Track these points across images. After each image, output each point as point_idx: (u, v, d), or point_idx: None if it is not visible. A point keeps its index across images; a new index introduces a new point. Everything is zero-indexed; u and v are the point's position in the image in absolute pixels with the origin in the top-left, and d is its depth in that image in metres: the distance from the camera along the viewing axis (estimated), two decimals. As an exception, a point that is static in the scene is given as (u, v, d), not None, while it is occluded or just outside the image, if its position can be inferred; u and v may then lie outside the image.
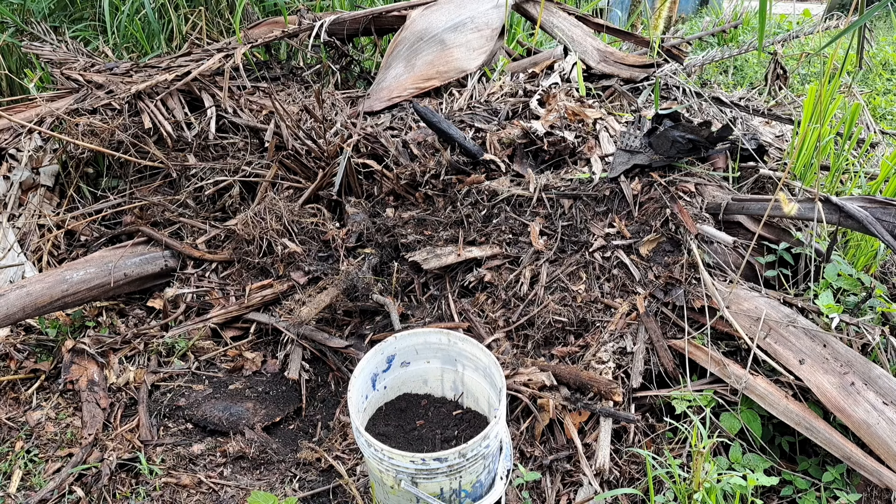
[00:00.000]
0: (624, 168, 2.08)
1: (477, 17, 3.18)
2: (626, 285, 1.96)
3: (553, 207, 2.17)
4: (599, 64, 2.97)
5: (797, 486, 1.58)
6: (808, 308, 1.77)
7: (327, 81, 3.45)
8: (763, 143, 2.23)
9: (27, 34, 3.62)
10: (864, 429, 1.48)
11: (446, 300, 2.14)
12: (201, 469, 1.81)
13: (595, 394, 1.74)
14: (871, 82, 4.47)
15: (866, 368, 1.55)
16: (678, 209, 1.95)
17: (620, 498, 1.58)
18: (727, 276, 1.89)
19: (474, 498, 1.50)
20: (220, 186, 2.70)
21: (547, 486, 1.63)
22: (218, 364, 2.18)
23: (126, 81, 2.94)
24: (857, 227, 1.70)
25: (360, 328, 2.21)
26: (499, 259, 2.14)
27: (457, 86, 3.00)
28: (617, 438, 1.71)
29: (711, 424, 1.65)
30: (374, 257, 2.30)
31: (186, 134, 2.81)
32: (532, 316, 1.97)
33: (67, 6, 4.12)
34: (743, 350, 1.78)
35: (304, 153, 2.57)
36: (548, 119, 2.48)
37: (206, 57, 3.13)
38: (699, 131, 2.00)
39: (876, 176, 2.27)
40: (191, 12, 3.86)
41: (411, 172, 2.36)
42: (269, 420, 1.97)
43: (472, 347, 1.62)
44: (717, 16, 6.33)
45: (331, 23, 3.34)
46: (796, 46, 4.79)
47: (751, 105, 2.71)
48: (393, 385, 1.76)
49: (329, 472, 1.79)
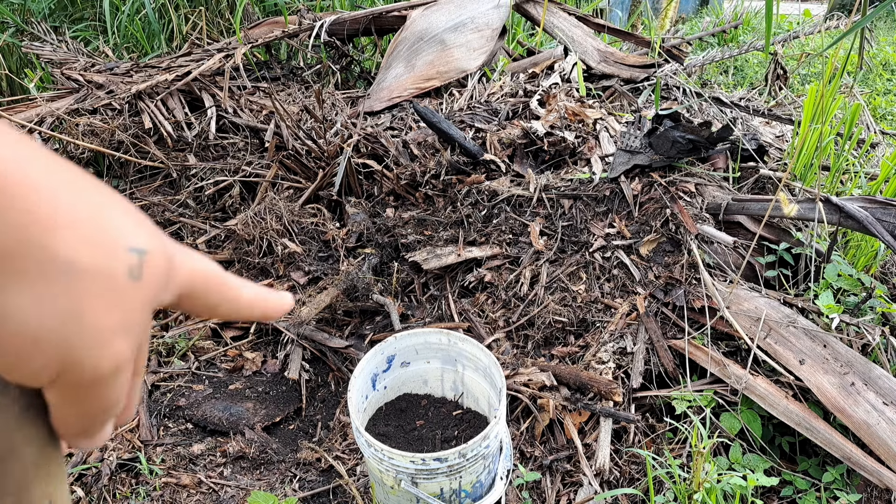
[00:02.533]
0: (624, 168, 2.08)
1: (477, 18, 3.18)
2: (626, 285, 1.96)
3: (553, 207, 2.17)
4: (600, 64, 2.97)
5: (797, 486, 1.58)
6: (809, 308, 1.77)
7: (327, 81, 3.46)
8: (763, 144, 2.23)
9: (27, 34, 3.62)
10: (864, 429, 1.48)
11: (446, 300, 2.14)
12: (201, 469, 1.81)
13: (595, 394, 1.74)
14: (871, 82, 4.47)
15: (866, 369, 1.55)
16: (678, 209, 1.95)
17: (620, 498, 1.58)
18: (727, 277, 1.89)
19: (474, 498, 1.50)
20: (220, 186, 2.70)
21: (547, 486, 1.63)
22: (218, 364, 2.18)
23: (126, 81, 2.94)
24: (857, 228, 1.70)
25: (360, 328, 2.21)
26: (499, 259, 2.14)
27: (457, 86, 3.00)
28: (617, 438, 1.71)
29: (711, 424, 1.65)
30: (374, 257, 2.30)
31: (187, 134, 2.81)
32: (532, 316, 1.97)
33: (68, 6, 4.12)
34: (743, 350, 1.78)
35: (304, 153, 2.57)
36: (548, 119, 2.48)
37: (206, 57, 3.13)
38: (699, 131, 2.00)
39: (876, 176, 2.27)
40: (191, 12, 3.86)
41: (411, 172, 2.36)
42: (269, 420, 1.97)
43: (473, 347, 1.62)
44: (717, 16, 6.33)
45: (331, 23, 3.34)
46: (796, 46, 4.79)
47: (751, 105, 2.71)
48: (393, 385, 1.76)
49: (329, 472, 1.79)
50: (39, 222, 0.26)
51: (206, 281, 0.35)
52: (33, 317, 0.26)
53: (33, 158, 0.27)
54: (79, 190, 0.28)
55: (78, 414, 0.31)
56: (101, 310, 0.28)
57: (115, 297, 0.29)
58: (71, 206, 0.27)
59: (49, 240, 0.26)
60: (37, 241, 0.26)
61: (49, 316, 0.26)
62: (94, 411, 0.31)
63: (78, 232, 0.27)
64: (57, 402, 0.30)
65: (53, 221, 0.26)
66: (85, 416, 0.31)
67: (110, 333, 0.29)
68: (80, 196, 0.28)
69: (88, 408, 0.31)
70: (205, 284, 0.35)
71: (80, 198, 0.28)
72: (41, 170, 0.27)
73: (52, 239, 0.26)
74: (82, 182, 0.29)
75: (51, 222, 0.26)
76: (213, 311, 0.36)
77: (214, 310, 0.36)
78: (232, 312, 0.37)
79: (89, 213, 0.28)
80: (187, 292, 0.34)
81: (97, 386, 0.30)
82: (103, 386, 0.30)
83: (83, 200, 0.28)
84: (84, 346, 0.28)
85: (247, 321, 0.46)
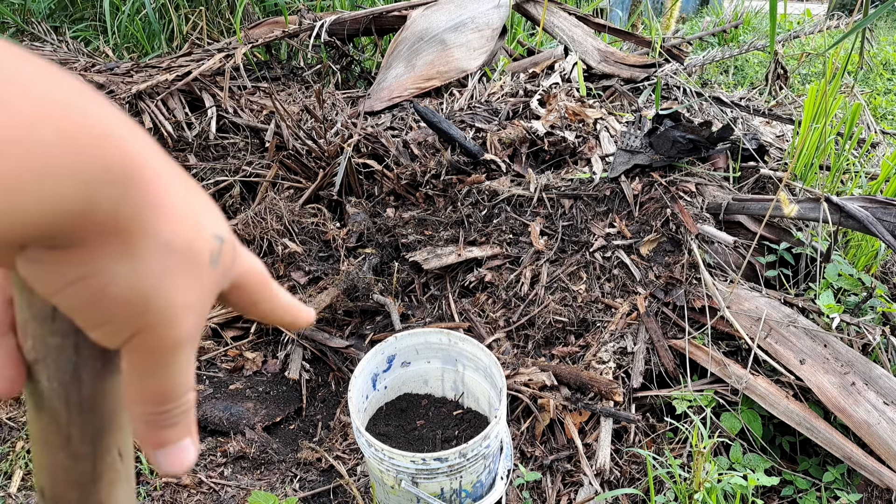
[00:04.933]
0: (624, 168, 2.08)
1: (477, 17, 3.18)
2: (626, 285, 1.96)
3: (553, 207, 2.17)
4: (600, 64, 2.97)
5: (798, 486, 1.58)
6: (809, 308, 1.77)
7: (328, 81, 3.46)
8: (763, 143, 2.23)
9: (28, 34, 3.62)
10: (864, 429, 1.47)
11: (447, 300, 2.14)
12: (202, 469, 1.81)
13: (595, 394, 1.74)
14: (871, 82, 4.47)
15: (867, 368, 1.55)
16: (679, 209, 1.95)
17: (621, 498, 1.58)
18: (728, 276, 1.89)
19: (475, 498, 1.50)
20: (220, 186, 2.70)
21: (547, 486, 1.63)
22: (218, 364, 2.18)
23: (127, 81, 2.94)
24: (857, 227, 1.70)
25: (360, 328, 2.21)
26: (499, 259, 2.14)
27: (457, 86, 3.00)
28: (617, 438, 1.71)
29: (712, 424, 1.65)
30: (374, 257, 2.30)
31: (187, 134, 2.81)
32: (532, 316, 1.97)
33: (68, 6, 4.12)
34: (743, 350, 1.78)
35: (304, 153, 2.57)
36: (548, 119, 2.48)
37: (206, 57, 3.13)
38: (700, 131, 2.00)
39: (876, 176, 2.27)
40: (191, 12, 3.86)
41: (412, 172, 2.36)
42: (270, 420, 1.97)
43: (473, 347, 1.62)
44: (717, 16, 6.33)
45: (331, 23, 3.34)
46: (797, 46, 4.79)
47: (751, 105, 2.71)
48: (393, 385, 1.76)
49: (329, 472, 1.79)
50: (152, 205, 0.30)
51: (256, 278, 0.39)
52: (131, 283, 0.30)
53: (153, 149, 0.31)
54: (182, 182, 0.33)
55: (145, 389, 0.34)
56: (183, 286, 0.32)
57: (196, 276, 0.33)
58: (176, 194, 0.32)
59: (156, 221, 0.30)
60: (147, 220, 0.30)
61: (143, 284, 0.31)
62: (159, 389, 0.34)
63: (178, 216, 0.31)
64: (129, 368, 0.34)
65: (163, 206, 0.31)
66: (152, 395, 0.34)
67: (185, 308, 0.33)
68: (183, 187, 0.33)
69: (154, 383, 0.34)
70: (254, 281, 0.39)
71: (183, 188, 0.33)
72: (160, 160, 0.31)
73: (158, 221, 0.30)
74: (183, 175, 0.34)
75: (161, 206, 0.30)
76: (254, 306, 0.40)
77: (255, 306, 0.40)
78: (268, 312, 0.41)
79: (188, 202, 0.33)
80: (238, 284, 0.38)
81: (164, 355, 0.33)
82: (169, 357, 0.33)
83: (184, 191, 0.33)
84: (162, 314, 0.32)
85: (273, 324, 0.49)
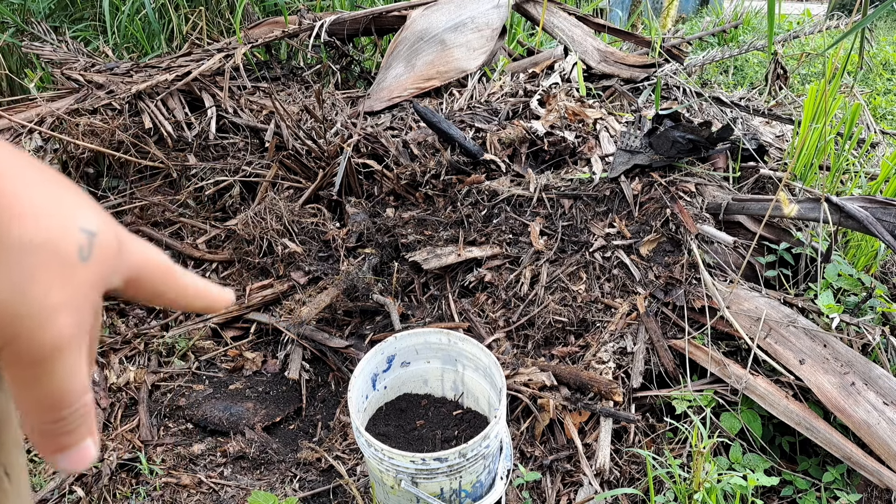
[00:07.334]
0: (624, 168, 2.08)
1: (477, 18, 3.18)
2: (626, 285, 1.96)
3: (553, 207, 2.17)
4: (600, 64, 2.97)
5: (797, 486, 1.58)
6: (809, 308, 1.77)
7: (327, 81, 3.45)
8: (763, 143, 2.23)
9: (28, 34, 3.62)
10: (864, 429, 1.48)
11: (446, 300, 2.14)
12: (201, 469, 1.81)
13: (595, 394, 1.74)
14: (871, 82, 4.47)
15: (867, 368, 1.55)
16: (678, 209, 1.95)
17: (621, 498, 1.58)
18: (727, 276, 1.89)
19: (474, 498, 1.50)
20: (220, 186, 2.70)
21: (547, 486, 1.63)
22: (218, 364, 2.18)
23: (126, 81, 2.94)
24: (857, 228, 1.70)
25: (360, 328, 2.21)
26: (499, 259, 2.14)
27: (457, 86, 3.00)
28: (617, 438, 1.71)
29: (712, 424, 1.65)
30: (374, 257, 2.30)
31: (187, 134, 2.81)
32: (532, 316, 1.97)
33: (68, 6, 4.12)
34: (743, 350, 1.78)
35: (304, 153, 2.57)
36: (548, 119, 2.48)
37: (206, 57, 3.13)
38: (699, 131, 2.00)
39: (876, 176, 2.27)
40: (191, 12, 3.86)
41: (411, 172, 2.36)
42: (270, 420, 1.97)
43: (473, 347, 1.62)
44: (717, 16, 6.33)
45: (331, 23, 3.34)
46: (797, 46, 4.79)
47: (751, 105, 2.71)
48: (393, 385, 1.76)
49: (329, 472, 1.79)
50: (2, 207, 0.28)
51: (155, 268, 0.38)
52: None
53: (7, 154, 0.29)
54: (41, 181, 0.31)
55: (33, 400, 0.32)
56: (48, 285, 0.30)
57: (63, 274, 0.30)
58: (32, 193, 0.30)
59: (8, 223, 0.28)
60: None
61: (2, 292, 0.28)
62: (48, 399, 0.32)
63: (35, 214, 0.29)
64: (11, 381, 0.31)
65: (15, 206, 0.29)
66: (41, 405, 0.32)
67: (55, 309, 0.30)
68: (41, 186, 0.31)
69: (41, 393, 0.31)
70: (153, 271, 0.38)
71: (41, 187, 0.31)
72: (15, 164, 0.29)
73: (11, 222, 0.28)
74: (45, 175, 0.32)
75: (12, 207, 0.29)
76: (160, 297, 0.39)
77: (161, 296, 0.39)
78: (178, 300, 0.40)
79: (47, 199, 0.30)
80: (135, 276, 0.36)
81: (44, 362, 0.30)
82: (51, 363, 0.31)
83: (43, 189, 0.31)
84: (30, 319, 0.29)
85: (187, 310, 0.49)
